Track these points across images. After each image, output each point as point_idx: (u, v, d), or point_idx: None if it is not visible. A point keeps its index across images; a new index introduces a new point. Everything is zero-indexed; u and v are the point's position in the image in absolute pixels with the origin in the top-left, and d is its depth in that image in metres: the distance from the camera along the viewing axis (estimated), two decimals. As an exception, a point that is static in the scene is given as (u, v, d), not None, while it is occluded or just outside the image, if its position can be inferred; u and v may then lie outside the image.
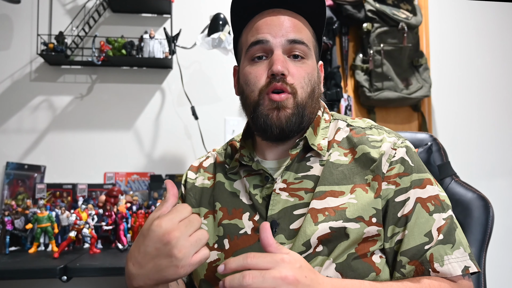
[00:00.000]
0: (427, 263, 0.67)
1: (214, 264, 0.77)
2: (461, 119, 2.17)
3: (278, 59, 0.75)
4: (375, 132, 0.79)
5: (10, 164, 1.82)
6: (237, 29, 0.84)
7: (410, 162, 0.75)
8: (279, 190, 0.77)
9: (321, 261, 0.69)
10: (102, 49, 1.79)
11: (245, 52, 0.80)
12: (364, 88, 1.98)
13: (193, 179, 0.91)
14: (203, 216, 0.84)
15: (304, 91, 0.77)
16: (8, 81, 1.89)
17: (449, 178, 1.03)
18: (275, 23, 0.77)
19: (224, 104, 1.98)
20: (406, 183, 0.73)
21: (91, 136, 1.92)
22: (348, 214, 0.70)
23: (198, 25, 1.85)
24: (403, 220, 0.71)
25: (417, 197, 0.72)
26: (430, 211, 0.71)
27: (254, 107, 0.77)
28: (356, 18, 1.95)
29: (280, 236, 0.73)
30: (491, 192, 1.07)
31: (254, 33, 0.78)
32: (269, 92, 0.75)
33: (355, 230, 0.69)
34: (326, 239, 0.69)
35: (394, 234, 0.71)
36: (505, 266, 2.05)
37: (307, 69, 0.78)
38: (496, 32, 2.23)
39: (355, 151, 0.77)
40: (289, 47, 0.77)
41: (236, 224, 0.78)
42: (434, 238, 0.68)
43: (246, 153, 0.84)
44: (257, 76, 0.77)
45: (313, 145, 0.78)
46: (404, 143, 0.77)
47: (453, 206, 0.98)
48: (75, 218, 1.47)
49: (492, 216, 0.94)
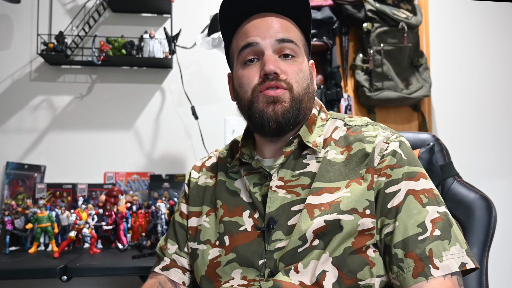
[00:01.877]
0: (427, 259, 0.66)
1: (215, 261, 0.79)
2: (461, 119, 2.16)
3: (269, 59, 0.76)
4: (371, 128, 0.80)
5: (10, 164, 1.82)
6: (227, 38, 0.86)
7: (403, 155, 0.74)
8: (276, 188, 0.78)
9: (317, 254, 0.70)
10: (102, 49, 1.79)
11: (237, 57, 0.81)
12: (364, 88, 1.98)
13: (196, 178, 0.94)
14: (205, 214, 0.86)
15: (299, 86, 0.78)
16: (8, 81, 1.89)
17: (451, 178, 1.03)
18: (263, 25, 0.79)
19: (224, 104, 1.98)
20: (397, 174, 0.72)
21: (91, 136, 1.92)
22: (342, 206, 0.71)
23: (198, 25, 1.85)
24: (394, 212, 0.70)
25: (409, 188, 0.71)
26: (423, 203, 0.70)
27: (249, 106, 0.79)
28: (356, 18, 1.95)
29: (278, 232, 0.74)
30: (491, 193, 1.07)
31: (244, 37, 0.80)
32: (262, 89, 0.76)
33: (349, 222, 0.69)
34: (321, 232, 0.70)
35: (384, 226, 0.71)
36: (505, 266, 2.05)
37: (299, 66, 0.79)
38: (496, 32, 2.23)
39: (351, 148, 0.77)
40: (278, 46, 0.78)
41: (236, 222, 0.80)
42: (428, 229, 0.67)
43: (247, 152, 0.86)
44: (250, 77, 0.78)
45: (308, 142, 0.79)
46: (398, 138, 0.77)
47: (455, 206, 0.98)
48: (75, 218, 1.47)
49: (495, 217, 0.93)
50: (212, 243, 0.81)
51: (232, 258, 0.77)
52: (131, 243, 1.55)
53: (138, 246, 1.50)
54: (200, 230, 0.84)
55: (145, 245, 1.50)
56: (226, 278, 0.77)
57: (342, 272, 0.69)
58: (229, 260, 0.77)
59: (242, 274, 0.75)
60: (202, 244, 0.83)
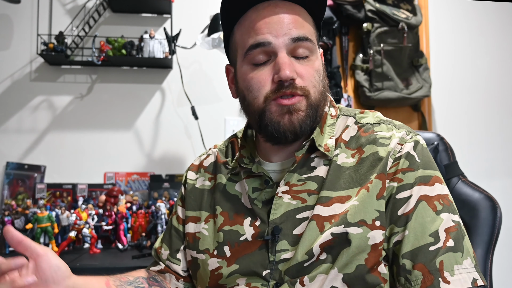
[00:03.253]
0: (437, 272, 0.60)
1: (216, 272, 0.74)
2: (461, 119, 2.16)
3: (284, 62, 0.67)
4: (384, 128, 0.73)
5: (10, 164, 1.82)
6: (228, 24, 0.75)
7: (417, 157, 0.68)
8: (281, 193, 0.72)
9: (325, 269, 0.65)
10: (102, 49, 1.79)
11: (243, 54, 0.71)
12: (364, 88, 1.98)
13: (193, 179, 0.88)
14: (204, 220, 0.81)
15: (316, 90, 0.71)
16: (8, 81, 1.89)
17: (456, 178, 1.00)
18: (274, 20, 0.69)
19: (224, 104, 1.98)
20: (410, 179, 0.66)
21: (91, 136, 1.92)
22: (349, 218, 0.65)
23: (198, 25, 1.85)
24: (403, 219, 0.64)
25: (422, 194, 0.65)
26: (437, 210, 0.64)
27: (259, 114, 0.70)
28: (356, 18, 1.95)
29: (283, 242, 0.69)
30: (492, 193, 1.07)
31: (252, 33, 0.70)
32: (276, 98, 0.69)
33: (357, 236, 0.64)
34: (328, 246, 0.65)
35: (393, 234, 0.65)
36: (508, 267, 2.04)
37: (314, 66, 0.72)
38: (496, 32, 2.23)
39: (363, 151, 0.71)
40: (293, 46, 0.69)
41: (237, 231, 0.75)
42: (441, 239, 0.62)
43: (247, 154, 0.79)
44: (261, 82, 0.69)
45: (320, 146, 0.72)
46: (413, 138, 0.71)
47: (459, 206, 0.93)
48: (75, 218, 1.48)
49: (500, 217, 0.90)
50: (210, 252, 0.76)
51: (234, 270, 0.73)
52: (131, 243, 1.55)
53: (138, 246, 1.50)
54: (199, 238, 0.80)
55: (145, 245, 1.50)
56: (230, 284, 0.73)
57: None
58: (232, 272, 0.73)
59: (247, 281, 0.72)
60: (201, 253, 0.78)
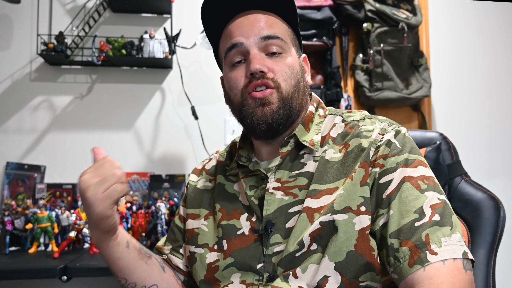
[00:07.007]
0: (424, 246, 0.60)
1: (213, 265, 0.78)
2: (461, 119, 2.16)
3: (255, 57, 0.74)
4: (368, 122, 0.77)
5: (10, 164, 1.82)
6: (214, 41, 0.85)
7: (398, 143, 0.71)
8: (273, 190, 0.76)
9: (317, 259, 0.68)
10: (102, 49, 1.79)
11: (224, 59, 0.80)
12: (364, 88, 1.98)
13: (195, 181, 0.93)
14: (203, 217, 0.85)
15: (288, 84, 0.75)
16: (8, 81, 1.89)
17: (458, 178, 0.99)
18: (245, 24, 0.77)
19: (224, 104, 1.93)
20: (392, 163, 0.69)
21: (91, 136, 1.92)
22: (335, 206, 0.68)
23: (198, 25, 1.83)
24: (387, 201, 0.66)
25: (405, 175, 0.67)
26: (421, 189, 0.65)
27: (239, 109, 0.78)
28: (356, 18, 1.95)
29: (276, 235, 0.73)
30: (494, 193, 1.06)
31: (228, 38, 0.78)
32: (250, 91, 0.75)
33: (343, 222, 0.66)
34: (318, 235, 0.68)
35: (378, 217, 0.66)
36: (510, 268, 2.04)
37: (286, 62, 0.77)
38: (496, 32, 2.23)
39: (348, 145, 0.75)
40: (263, 44, 0.75)
41: (234, 225, 0.79)
42: (427, 214, 0.62)
43: (244, 154, 0.84)
44: (238, 79, 0.77)
45: (305, 141, 0.77)
46: (395, 128, 0.74)
47: (462, 206, 0.94)
48: (75, 218, 1.48)
49: (503, 217, 0.89)
50: (210, 247, 0.80)
51: (230, 263, 0.76)
52: (131, 243, 1.54)
53: (138, 246, 1.50)
54: (198, 233, 0.84)
55: (145, 245, 1.50)
56: (225, 282, 0.76)
57: (345, 278, 0.66)
58: (227, 264, 0.76)
59: (241, 278, 0.74)
60: (199, 247, 0.82)
